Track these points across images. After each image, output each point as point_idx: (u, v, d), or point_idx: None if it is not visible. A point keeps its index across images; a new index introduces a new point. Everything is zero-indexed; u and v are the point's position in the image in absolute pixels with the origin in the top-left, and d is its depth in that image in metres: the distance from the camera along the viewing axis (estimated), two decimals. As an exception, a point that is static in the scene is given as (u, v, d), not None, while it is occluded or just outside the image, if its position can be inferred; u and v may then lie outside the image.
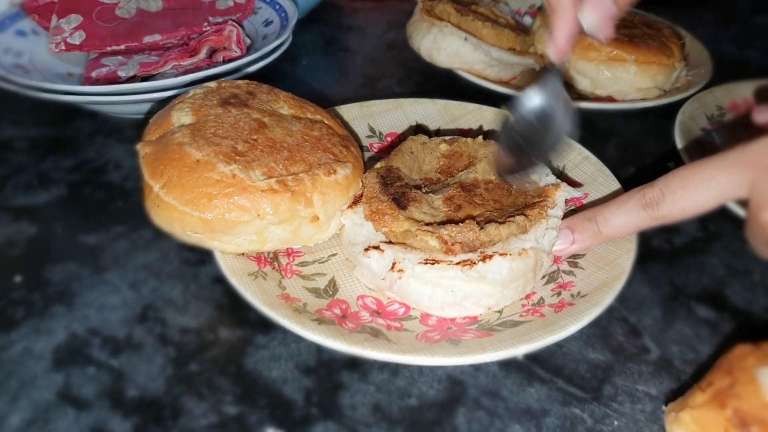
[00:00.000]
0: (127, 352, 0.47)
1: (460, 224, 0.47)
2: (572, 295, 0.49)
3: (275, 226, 0.49)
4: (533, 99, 0.53)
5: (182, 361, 0.46)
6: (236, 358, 0.47)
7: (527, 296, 0.50)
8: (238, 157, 0.49)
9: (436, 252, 0.47)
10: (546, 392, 0.45)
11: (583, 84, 0.79)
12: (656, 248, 0.59)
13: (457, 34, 0.76)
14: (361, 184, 0.54)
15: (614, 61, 0.76)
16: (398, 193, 0.51)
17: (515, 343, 0.43)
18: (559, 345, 0.48)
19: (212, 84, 0.57)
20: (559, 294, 0.50)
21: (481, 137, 0.60)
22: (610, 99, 0.78)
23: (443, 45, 0.76)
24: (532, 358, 0.47)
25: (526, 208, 0.52)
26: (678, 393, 0.44)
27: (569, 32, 0.51)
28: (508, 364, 0.47)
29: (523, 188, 0.53)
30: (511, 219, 0.49)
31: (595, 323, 0.47)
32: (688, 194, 0.43)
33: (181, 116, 0.53)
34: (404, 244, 0.48)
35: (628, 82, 0.77)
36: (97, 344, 0.47)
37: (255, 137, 0.51)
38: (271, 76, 0.81)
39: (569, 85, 0.75)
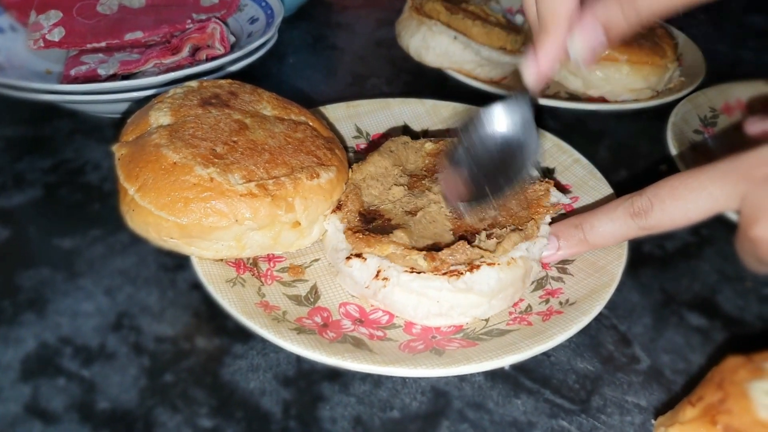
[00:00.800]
0: (99, 362, 0.45)
1: (451, 247, 0.46)
2: (560, 303, 0.48)
3: (254, 231, 0.47)
4: (495, 122, 0.47)
5: (157, 372, 0.45)
6: (213, 369, 0.45)
7: (515, 304, 0.49)
8: (216, 160, 0.47)
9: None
10: (533, 404, 0.44)
11: (574, 84, 0.78)
12: (647, 253, 0.58)
13: (447, 32, 0.74)
14: (345, 187, 0.52)
15: (606, 61, 0.75)
16: (379, 227, 0.49)
17: (501, 354, 0.42)
18: (546, 354, 0.47)
19: (193, 83, 0.56)
20: (547, 301, 0.48)
21: None
22: (602, 100, 0.77)
23: (432, 44, 0.75)
24: (519, 368, 0.46)
25: (525, 212, 0.50)
26: (668, 405, 0.43)
27: (556, 56, 0.45)
28: (494, 375, 0.46)
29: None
30: (509, 234, 0.47)
31: (584, 331, 0.46)
32: (677, 204, 0.42)
33: (159, 116, 0.51)
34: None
35: (620, 82, 0.76)
36: (69, 354, 0.46)
37: (235, 139, 0.50)
38: (257, 74, 0.80)
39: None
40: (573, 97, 0.78)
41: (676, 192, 0.42)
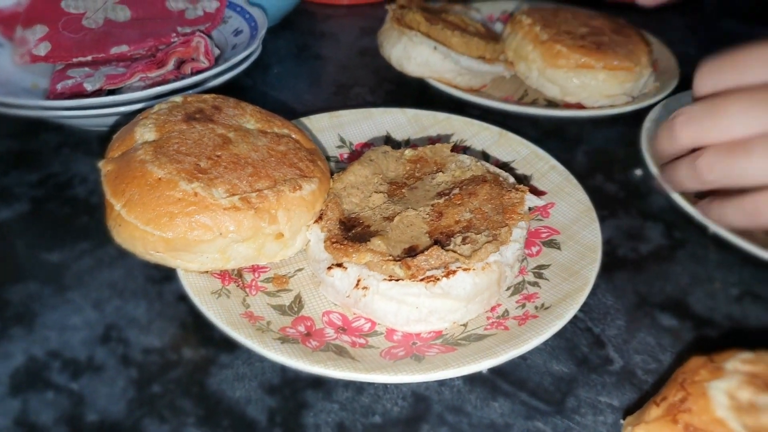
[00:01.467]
0: (88, 374, 0.46)
1: (425, 253, 0.47)
2: (536, 308, 0.49)
3: (239, 243, 0.48)
4: None
5: (144, 383, 0.46)
6: (199, 379, 0.46)
7: (492, 308, 0.50)
8: (200, 175, 0.48)
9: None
10: (510, 406, 0.45)
11: (552, 91, 0.79)
12: (622, 257, 0.59)
13: (427, 42, 0.76)
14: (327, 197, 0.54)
15: (582, 68, 0.77)
16: (358, 234, 0.51)
17: (479, 358, 0.44)
18: (523, 357, 0.48)
19: (177, 98, 0.57)
20: (523, 306, 0.50)
21: (446, 144, 0.60)
22: (579, 106, 0.79)
23: (413, 54, 0.76)
24: (497, 371, 0.48)
25: (500, 217, 0.51)
26: (639, 404, 0.44)
27: None
28: (472, 379, 0.47)
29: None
30: (488, 240, 0.49)
31: (560, 334, 0.48)
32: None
33: (145, 132, 0.52)
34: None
35: (596, 88, 0.77)
36: (57, 367, 0.47)
37: (219, 153, 0.51)
38: (242, 84, 0.81)
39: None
40: (551, 104, 0.80)
41: None
